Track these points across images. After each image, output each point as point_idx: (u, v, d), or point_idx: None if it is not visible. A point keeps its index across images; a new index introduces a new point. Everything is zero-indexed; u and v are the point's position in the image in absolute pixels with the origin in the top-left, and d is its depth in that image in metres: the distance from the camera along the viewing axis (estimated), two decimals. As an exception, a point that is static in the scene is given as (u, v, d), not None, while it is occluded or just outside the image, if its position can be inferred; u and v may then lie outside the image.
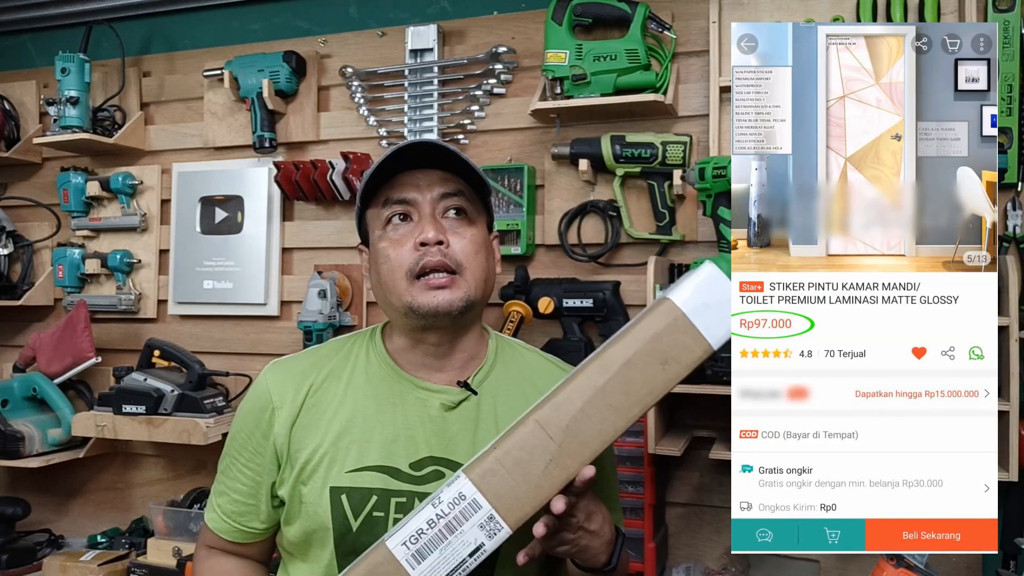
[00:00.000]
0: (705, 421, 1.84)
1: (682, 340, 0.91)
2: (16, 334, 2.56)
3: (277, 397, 1.07)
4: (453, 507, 0.88)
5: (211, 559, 1.14)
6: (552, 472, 0.89)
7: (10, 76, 2.57)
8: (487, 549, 0.88)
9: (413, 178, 1.05)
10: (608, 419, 0.90)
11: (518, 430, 0.91)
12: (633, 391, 0.91)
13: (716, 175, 1.68)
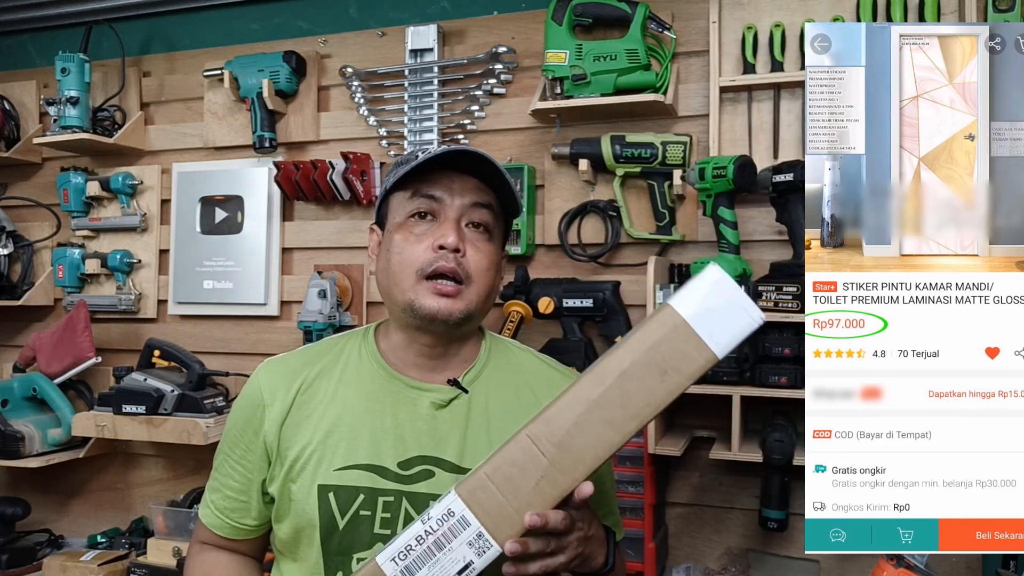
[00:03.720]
0: (705, 421, 1.84)
1: (683, 348, 0.85)
2: (16, 334, 2.56)
3: (268, 395, 1.07)
4: (442, 523, 0.85)
5: (203, 554, 1.15)
6: (543, 489, 0.85)
7: (10, 76, 2.57)
8: (476, 567, 0.85)
9: (449, 179, 1.04)
10: (603, 434, 0.85)
11: (509, 445, 0.87)
12: (630, 404, 0.85)
13: (716, 175, 1.68)
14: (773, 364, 1.62)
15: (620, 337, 1.85)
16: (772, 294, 1.61)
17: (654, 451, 1.69)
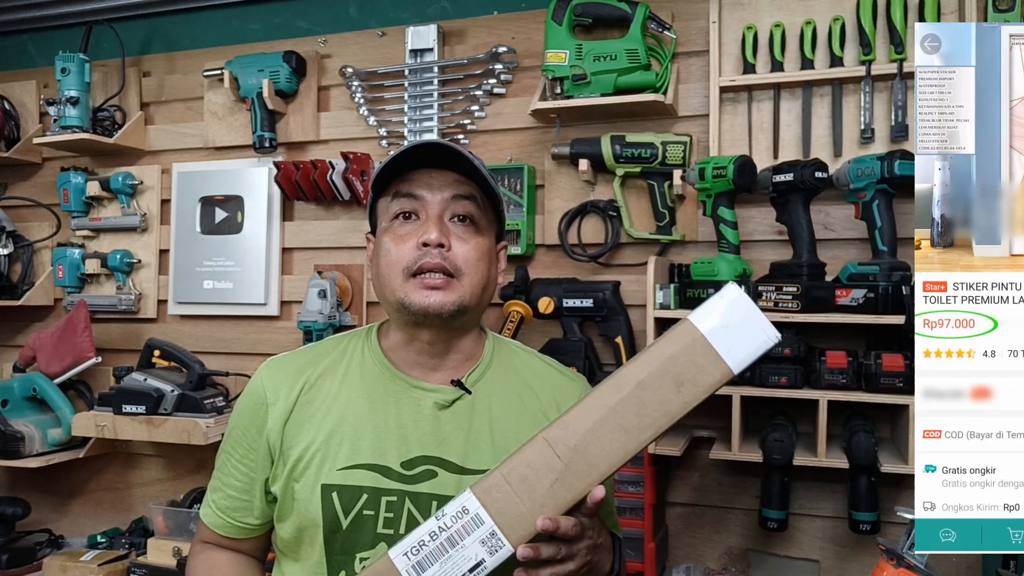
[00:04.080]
0: (705, 421, 1.84)
1: (700, 362, 0.88)
2: (16, 334, 2.56)
3: (271, 394, 1.07)
4: (456, 520, 0.87)
5: (205, 552, 1.15)
6: (557, 492, 0.86)
7: (10, 76, 2.57)
8: (488, 566, 0.86)
9: (427, 176, 1.05)
10: (618, 441, 0.87)
11: (526, 447, 0.89)
12: (646, 413, 0.88)
13: (716, 175, 1.68)
14: (773, 364, 1.62)
15: (621, 338, 1.85)
16: (772, 294, 1.62)
17: (654, 451, 1.69)
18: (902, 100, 1.72)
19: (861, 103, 1.75)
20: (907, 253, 1.68)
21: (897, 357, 1.55)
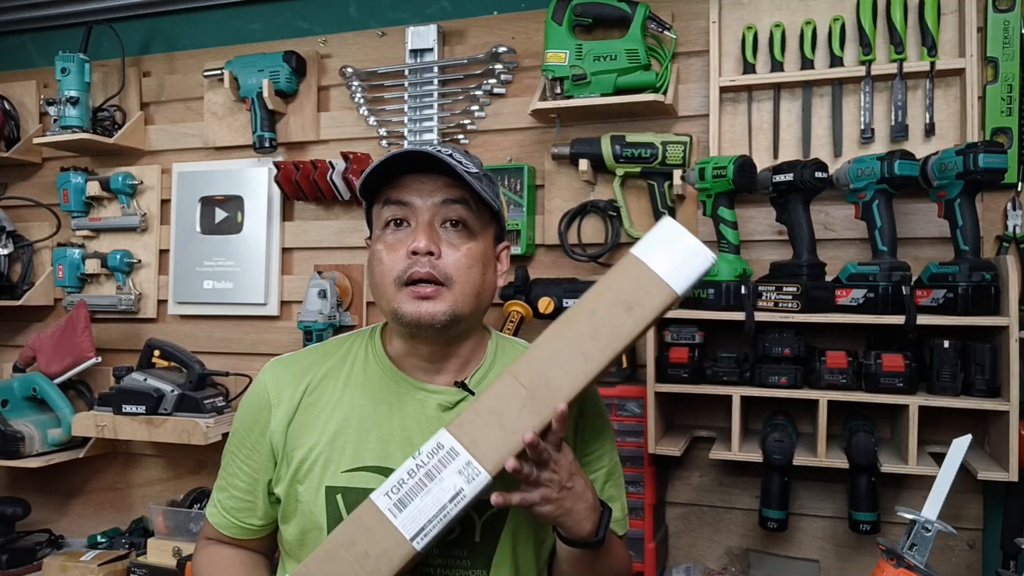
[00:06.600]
0: (705, 421, 1.85)
1: (645, 286, 0.95)
2: (16, 334, 2.56)
3: (274, 395, 1.07)
4: (432, 456, 0.91)
5: (210, 547, 1.15)
6: (526, 417, 0.91)
7: (10, 76, 2.57)
8: (467, 494, 0.90)
9: (417, 181, 1.03)
10: (577, 365, 0.93)
11: (494, 385, 0.94)
12: (600, 337, 0.94)
13: (716, 175, 1.68)
14: (773, 364, 1.62)
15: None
16: (772, 294, 1.62)
17: (654, 451, 1.69)
18: (902, 100, 1.72)
19: (861, 103, 1.75)
20: (907, 253, 1.68)
21: (897, 357, 1.55)
